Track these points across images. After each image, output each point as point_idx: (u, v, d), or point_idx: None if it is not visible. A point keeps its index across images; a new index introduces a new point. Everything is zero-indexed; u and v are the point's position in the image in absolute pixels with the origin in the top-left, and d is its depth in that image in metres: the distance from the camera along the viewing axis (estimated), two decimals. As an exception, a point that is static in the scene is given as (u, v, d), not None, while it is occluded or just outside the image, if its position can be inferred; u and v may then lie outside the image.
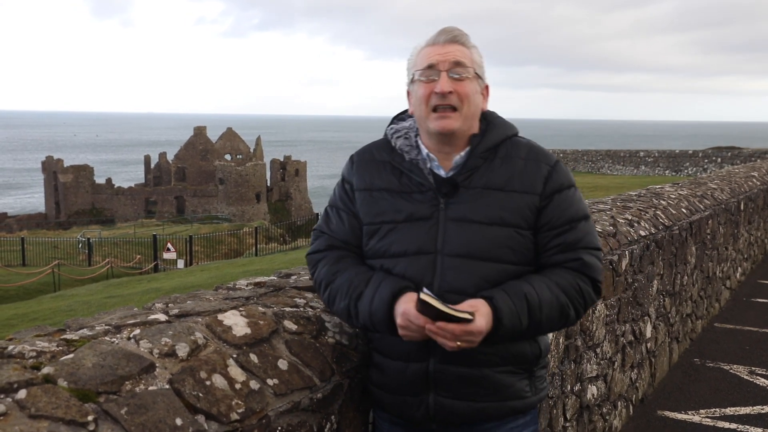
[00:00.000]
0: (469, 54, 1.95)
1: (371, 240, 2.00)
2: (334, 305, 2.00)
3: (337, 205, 2.10)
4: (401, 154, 2.02)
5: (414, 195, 1.97)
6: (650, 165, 39.01)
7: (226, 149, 70.78)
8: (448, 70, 1.90)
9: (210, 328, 1.86)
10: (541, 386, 2.08)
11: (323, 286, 2.03)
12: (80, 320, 1.84)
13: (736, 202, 8.67)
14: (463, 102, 1.91)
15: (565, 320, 1.94)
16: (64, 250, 32.09)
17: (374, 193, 2.01)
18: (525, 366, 2.01)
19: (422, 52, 1.96)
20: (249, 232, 36.18)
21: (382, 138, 2.11)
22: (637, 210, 5.50)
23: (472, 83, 1.93)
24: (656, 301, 5.33)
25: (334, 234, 2.07)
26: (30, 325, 11.56)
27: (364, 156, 2.09)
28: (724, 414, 4.78)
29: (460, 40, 1.94)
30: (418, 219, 1.94)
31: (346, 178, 2.10)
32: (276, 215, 61.32)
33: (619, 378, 4.51)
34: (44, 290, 20.65)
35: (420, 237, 1.93)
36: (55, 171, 65.07)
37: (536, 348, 2.03)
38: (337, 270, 2.00)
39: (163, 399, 1.53)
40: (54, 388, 1.42)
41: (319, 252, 2.08)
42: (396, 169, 2.01)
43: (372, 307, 1.88)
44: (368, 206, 2.02)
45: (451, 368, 1.92)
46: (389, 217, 1.97)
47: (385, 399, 2.04)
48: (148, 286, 15.75)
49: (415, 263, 1.92)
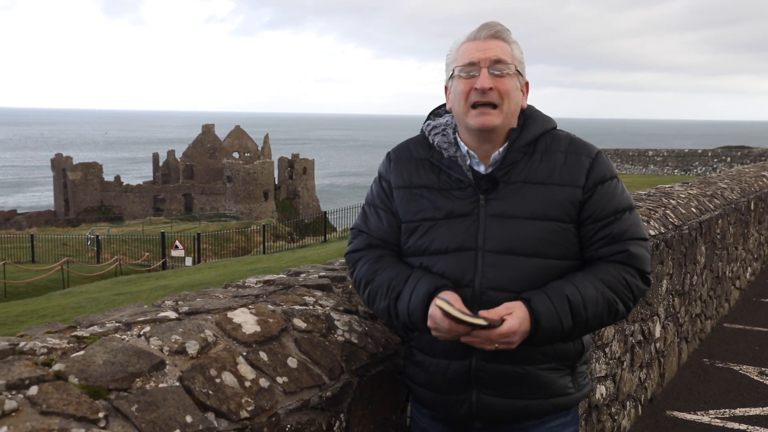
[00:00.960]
0: (509, 50, 1.92)
1: (411, 237, 1.99)
2: (374, 305, 2.00)
3: (375, 204, 2.08)
4: (439, 151, 2.00)
5: (453, 192, 1.95)
6: (659, 164, 38.84)
7: (234, 147, 70.94)
8: (489, 67, 1.87)
9: (220, 325, 1.86)
10: (583, 382, 2.06)
11: (363, 285, 2.03)
12: (91, 317, 1.84)
13: (746, 202, 8.62)
14: (504, 99, 1.89)
15: (615, 315, 1.90)
16: (73, 248, 32.26)
17: (413, 190, 2.00)
18: (567, 362, 1.99)
19: (462, 48, 1.93)
20: (257, 230, 36.26)
21: (419, 134, 2.10)
22: (646, 209, 5.47)
23: (512, 80, 1.91)
24: (665, 301, 5.31)
25: (372, 232, 2.06)
26: (39, 321, 11.62)
27: (402, 153, 2.07)
28: (733, 415, 4.76)
29: (501, 35, 1.92)
30: (458, 216, 1.92)
31: (384, 175, 2.08)
32: (284, 213, 61.44)
33: (628, 378, 4.49)
34: (53, 287, 20.78)
35: (460, 234, 1.91)
36: (64, 168, 65.39)
37: (579, 344, 2.01)
38: (377, 269, 1.99)
39: (173, 396, 1.53)
40: (65, 384, 1.42)
41: (358, 251, 2.08)
42: (435, 167, 1.99)
43: (410, 307, 1.88)
44: (407, 204, 2.00)
45: (494, 366, 1.91)
46: (429, 215, 1.95)
47: (427, 397, 2.03)
48: (156, 283, 15.82)
49: (456, 260, 1.90)
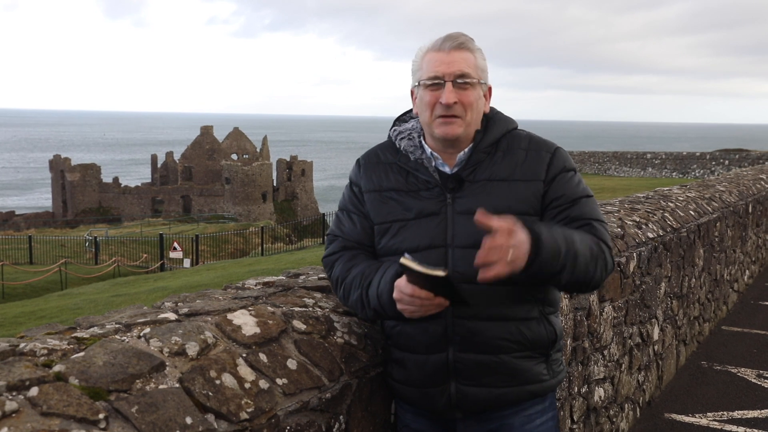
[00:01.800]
0: (473, 60, 1.98)
1: (383, 238, 2.07)
2: (349, 299, 2.06)
3: (348, 208, 2.16)
4: (406, 154, 2.09)
5: (421, 193, 2.03)
6: (657, 167, 38.87)
7: (232, 149, 70.92)
8: (453, 80, 1.95)
9: (219, 327, 1.86)
10: (557, 369, 2.13)
11: (338, 282, 2.09)
12: (91, 318, 1.84)
13: (744, 205, 8.63)
14: (467, 110, 1.98)
15: (594, 265, 1.90)
16: (71, 249, 32.21)
17: (383, 193, 2.08)
18: (541, 350, 2.05)
19: (427, 58, 2.00)
20: (255, 231, 36.24)
21: (387, 140, 2.18)
22: (644, 212, 5.48)
23: (475, 90, 1.99)
24: (664, 304, 5.31)
25: (347, 236, 2.13)
26: (37, 323, 11.61)
27: (371, 159, 2.16)
28: (731, 417, 4.76)
29: (465, 45, 1.98)
30: (427, 215, 2.01)
31: (354, 181, 2.17)
32: (282, 215, 61.41)
33: (627, 380, 4.50)
34: (51, 288, 20.74)
35: (430, 232, 1.99)
36: (62, 170, 65.35)
37: (551, 332, 2.07)
38: (351, 266, 2.07)
39: (173, 398, 1.53)
40: (65, 385, 1.43)
41: (334, 254, 2.15)
42: (402, 170, 2.08)
43: (379, 289, 1.94)
44: (378, 207, 2.08)
45: (470, 356, 1.98)
46: (400, 216, 2.04)
47: (407, 393, 2.09)
48: (154, 285, 15.80)
49: (427, 257, 1.95)
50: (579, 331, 3.69)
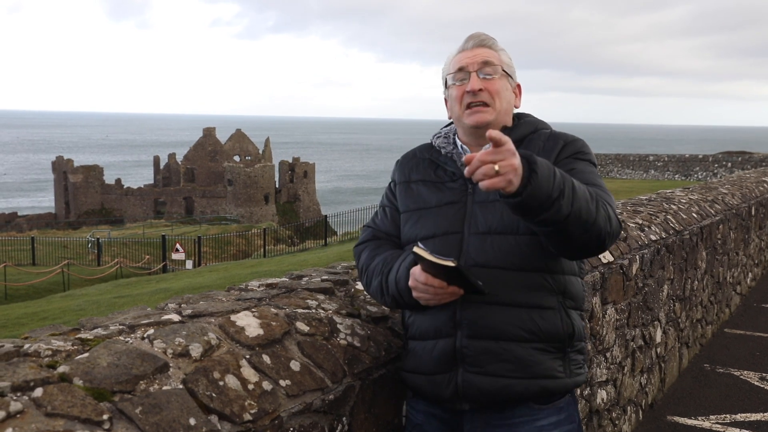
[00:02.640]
0: (497, 55, 2.08)
1: (406, 226, 2.14)
2: (371, 286, 2.12)
3: (383, 203, 2.27)
4: (438, 149, 2.19)
5: (447, 184, 2.10)
6: (660, 169, 38.83)
7: (234, 150, 70.99)
8: (478, 71, 2.03)
9: (223, 328, 1.87)
10: (576, 371, 2.04)
11: (363, 270, 2.16)
12: (94, 320, 1.85)
13: (747, 207, 8.63)
14: (495, 98, 2.03)
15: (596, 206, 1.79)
16: (73, 250, 32.26)
17: (411, 184, 2.17)
18: (557, 344, 1.98)
19: (453, 59, 2.10)
20: (257, 233, 36.26)
21: (427, 142, 2.28)
22: (647, 214, 5.48)
23: (501, 81, 2.06)
24: (666, 306, 5.31)
25: (377, 227, 2.23)
26: (40, 324, 11.62)
27: (407, 156, 2.28)
28: (734, 420, 4.76)
29: (487, 43, 2.08)
30: (447, 203, 2.07)
31: (392, 178, 2.28)
32: (284, 217, 61.45)
33: (629, 383, 4.49)
34: (54, 289, 20.77)
35: (448, 219, 2.04)
36: (65, 171, 65.45)
37: (569, 325, 2.00)
38: (375, 254, 2.14)
39: (176, 399, 1.53)
40: (69, 386, 1.43)
41: (363, 243, 2.23)
42: (433, 163, 2.18)
43: (397, 275, 1.99)
44: (405, 197, 2.17)
45: (478, 342, 1.95)
46: (422, 204, 2.11)
47: (416, 381, 2.08)
48: (157, 286, 15.81)
49: (443, 242, 2.01)
50: (581, 334, 3.69)
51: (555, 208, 1.69)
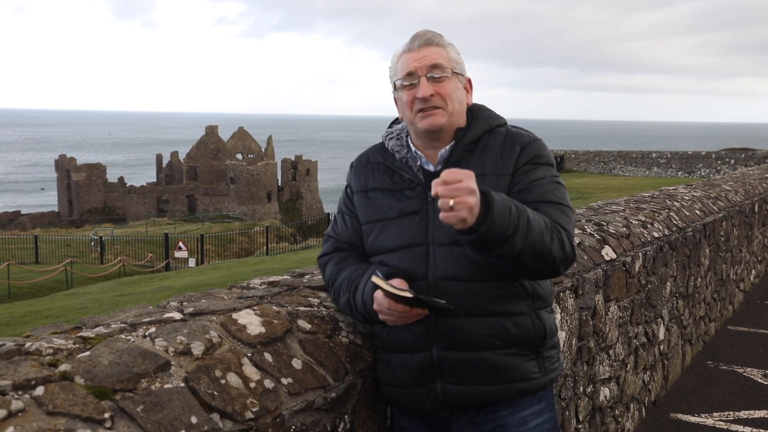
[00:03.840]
0: (445, 54, 2.00)
1: (369, 238, 2.09)
2: (339, 302, 2.09)
3: (342, 210, 2.20)
4: (393, 153, 2.11)
5: (405, 192, 2.05)
6: (663, 166, 38.76)
7: (237, 148, 71.01)
8: (427, 74, 1.96)
9: (225, 326, 1.87)
10: (551, 366, 2.08)
11: (330, 285, 2.13)
12: (96, 318, 1.85)
13: (750, 204, 8.60)
14: (447, 101, 1.97)
15: (550, 236, 1.82)
16: (76, 248, 32.31)
17: (369, 193, 2.11)
18: (529, 347, 2.00)
19: (400, 60, 2.02)
20: (260, 231, 36.28)
21: (379, 142, 2.21)
22: (650, 211, 5.47)
23: (452, 82, 1.99)
24: (669, 303, 5.30)
25: (339, 236, 2.17)
26: (43, 322, 11.65)
27: (361, 160, 2.19)
28: (737, 417, 4.75)
29: (434, 41, 2.00)
30: (408, 214, 2.02)
31: (348, 183, 2.21)
32: (287, 214, 61.47)
33: (632, 380, 4.49)
34: (57, 288, 20.80)
35: (411, 230, 2.00)
36: (68, 169, 65.53)
37: (540, 327, 2.02)
38: (341, 268, 2.10)
39: (178, 397, 1.53)
40: (71, 385, 1.43)
41: (326, 255, 2.19)
42: (389, 169, 2.10)
43: (363, 296, 1.96)
44: (364, 207, 2.11)
45: (454, 354, 1.95)
46: (383, 215, 2.06)
47: (395, 394, 2.07)
48: (159, 284, 15.82)
49: (409, 255, 1.99)
50: (584, 331, 3.68)
51: (509, 244, 1.74)
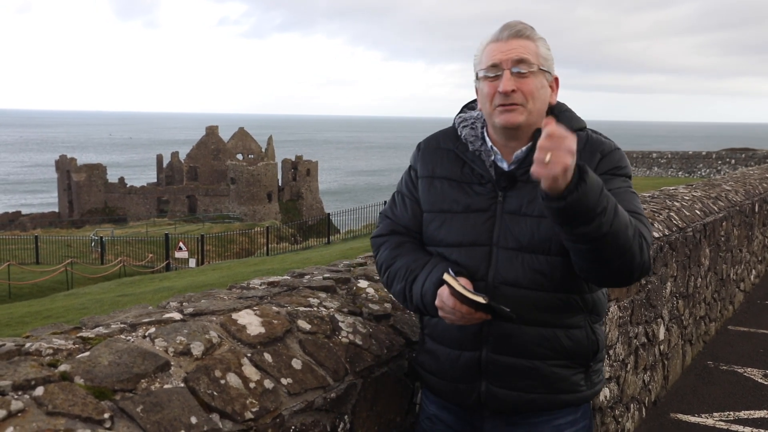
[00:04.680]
0: (534, 48, 1.90)
1: (429, 227, 2.03)
2: (392, 287, 2.06)
3: (402, 191, 2.14)
4: (465, 143, 2.03)
5: (474, 186, 1.98)
6: (663, 166, 38.74)
7: (237, 149, 71.04)
8: (511, 68, 1.86)
9: (224, 327, 1.87)
10: (597, 380, 2.06)
11: (383, 269, 2.09)
12: (96, 318, 1.85)
13: (750, 204, 8.60)
14: (528, 98, 1.88)
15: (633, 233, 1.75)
16: (77, 249, 32.32)
17: (435, 181, 2.04)
18: (581, 360, 1.98)
19: (486, 49, 1.92)
20: (260, 231, 36.28)
21: (450, 126, 2.12)
22: (650, 211, 5.46)
23: (536, 78, 1.89)
24: (669, 303, 5.30)
25: (397, 219, 2.11)
26: (43, 322, 11.65)
27: (430, 143, 2.11)
28: (738, 417, 4.75)
29: (523, 34, 1.90)
30: (475, 210, 1.96)
31: (412, 165, 2.14)
32: (287, 215, 61.48)
33: (632, 380, 4.49)
34: (57, 288, 20.81)
35: (476, 228, 1.95)
36: (68, 170, 65.54)
37: (594, 342, 1.99)
38: (397, 254, 2.05)
39: (178, 397, 1.53)
40: (71, 385, 1.43)
41: (382, 236, 2.13)
42: (459, 159, 2.03)
43: (423, 289, 1.92)
44: (428, 194, 2.04)
45: (503, 358, 1.93)
46: (447, 207, 2.00)
47: (437, 385, 2.06)
48: (160, 284, 15.83)
49: (470, 254, 1.93)
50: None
51: (596, 223, 1.66)
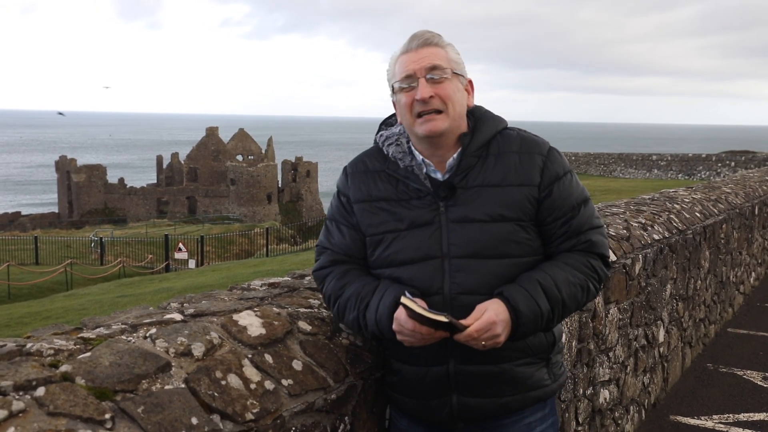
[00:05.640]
0: (444, 54, 1.92)
1: (377, 250, 1.99)
2: (344, 318, 2.00)
3: (336, 219, 2.08)
4: (395, 161, 2.00)
5: (413, 201, 1.95)
6: (663, 168, 38.74)
7: (237, 150, 71.03)
8: (426, 76, 1.88)
9: (225, 328, 1.87)
10: (559, 372, 2.10)
11: (332, 301, 2.02)
12: (97, 319, 1.85)
13: (750, 207, 8.61)
14: (447, 103, 1.89)
15: (587, 294, 1.98)
16: (76, 249, 32.31)
17: (373, 203, 1.99)
18: (541, 354, 2.02)
19: (398, 61, 1.94)
20: (260, 232, 36.27)
21: (373, 146, 2.09)
22: (650, 214, 5.47)
23: (452, 83, 1.91)
24: (669, 306, 5.30)
25: (336, 248, 2.05)
26: (43, 323, 11.64)
27: (358, 167, 2.06)
28: (737, 420, 4.75)
29: (432, 41, 1.92)
30: (420, 225, 1.93)
31: (342, 191, 2.07)
32: (287, 216, 61.46)
33: (632, 382, 4.49)
34: (57, 289, 20.80)
35: (424, 242, 1.92)
36: (68, 170, 65.54)
37: (550, 335, 2.04)
38: (345, 283, 1.99)
39: (179, 398, 1.53)
40: (72, 386, 1.43)
41: (324, 268, 2.07)
42: (392, 178, 1.99)
43: (377, 315, 1.89)
44: (369, 218, 2.00)
45: (472, 368, 1.92)
46: (392, 226, 1.96)
47: (407, 404, 2.04)
48: (159, 285, 15.82)
49: (423, 269, 1.91)
50: (584, 333, 3.69)
51: (547, 326, 1.93)
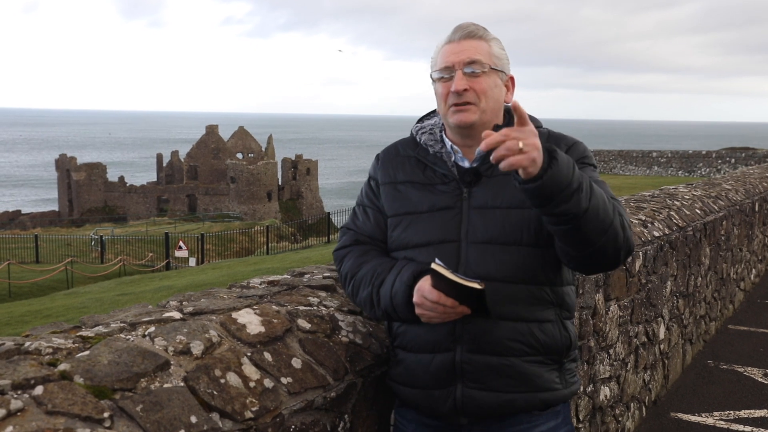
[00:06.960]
0: (486, 48, 1.94)
1: (395, 231, 2.02)
2: (358, 296, 2.02)
3: (363, 203, 2.14)
4: (425, 148, 2.06)
5: (437, 186, 1.99)
6: (663, 165, 38.74)
7: (237, 148, 71.01)
8: (463, 69, 1.91)
9: (224, 326, 1.86)
10: (571, 380, 2.03)
11: (348, 278, 2.05)
12: (96, 317, 1.85)
13: (750, 203, 8.60)
14: (481, 97, 1.92)
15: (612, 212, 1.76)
16: (77, 248, 32.31)
17: (398, 185, 2.05)
18: (554, 357, 1.96)
19: (441, 51, 1.97)
20: (260, 230, 36.26)
21: (408, 136, 2.15)
22: (650, 210, 5.46)
23: (489, 78, 1.93)
24: (670, 303, 5.30)
25: (359, 230, 2.10)
26: (43, 321, 11.65)
27: (390, 152, 2.14)
28: (738, 417, 4.74)
29: (476, 34, 1.94)
30: (441, 209, 1.96)
31: (372, 175, 2.15)
32: (287, 214, 61.47)
33: (632, 379, 4.49)
34: (57, 287, 20.81)
35: (443, 226, 1.94)
36: (68, 169, 65.54)
37: (566, 337, 1.98)
38: (362, 262, 2.03)
39: (178, 396, 1.53)
40: (70, 384, 1.43)
41: (345, 247, 2.11)
42: (420, 163, 2.05)
43: (393, 290, 1.89)
44: (392, 199, 2.05)
45: (479, 357, 1.90)
46: (412, 208, 2.00)
47: (410, 395, 2.01)
48: (160, 283, 15.83)
49: (439, 252, 1.91)
50: (585, 330, 3.68)
51: (574, 199, 1.67)
